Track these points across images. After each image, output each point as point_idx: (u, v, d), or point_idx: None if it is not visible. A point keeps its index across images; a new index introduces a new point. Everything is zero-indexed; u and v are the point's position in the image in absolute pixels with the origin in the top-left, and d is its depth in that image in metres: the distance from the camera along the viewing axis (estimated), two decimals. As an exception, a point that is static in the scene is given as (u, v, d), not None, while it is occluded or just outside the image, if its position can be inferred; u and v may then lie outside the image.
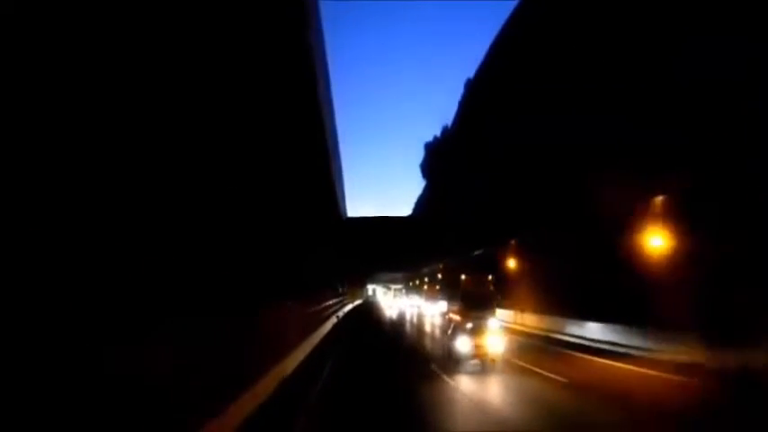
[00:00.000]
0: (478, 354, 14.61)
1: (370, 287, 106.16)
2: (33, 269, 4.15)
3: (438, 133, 65.75)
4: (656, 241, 15.64)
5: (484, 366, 14.55)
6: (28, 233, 4.21)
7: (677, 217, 15.41)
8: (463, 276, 29.02)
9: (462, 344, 14.67)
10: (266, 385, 9.99)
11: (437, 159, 62.89)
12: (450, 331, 16.46)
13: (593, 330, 20.18)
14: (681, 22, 16.35)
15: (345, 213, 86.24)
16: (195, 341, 6.68)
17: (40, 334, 3.96)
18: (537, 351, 18.93)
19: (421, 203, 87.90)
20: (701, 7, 15.28)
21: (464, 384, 12.98)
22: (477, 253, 40.69)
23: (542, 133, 28.97)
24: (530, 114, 31.78)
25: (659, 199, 15.94)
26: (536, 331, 26.42)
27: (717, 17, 14.63)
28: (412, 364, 16.29)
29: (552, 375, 13.40)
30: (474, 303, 26.30)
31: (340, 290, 54.71)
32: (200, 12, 7.67)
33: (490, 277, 28.88)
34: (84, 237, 5.18)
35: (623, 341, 17.21)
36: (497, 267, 33.11)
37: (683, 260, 14.90)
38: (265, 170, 13.90)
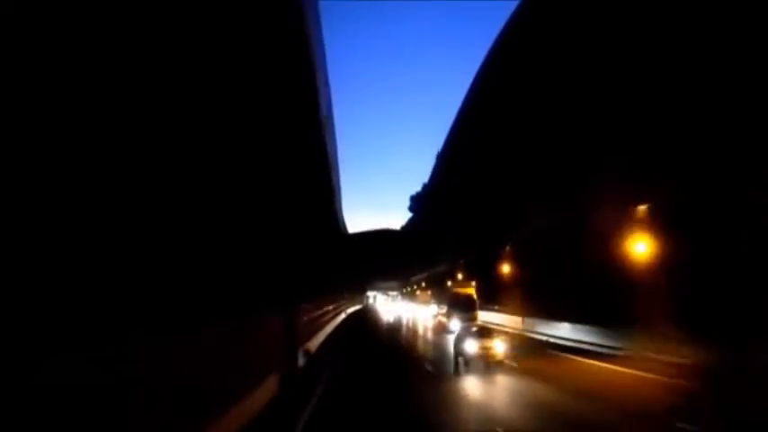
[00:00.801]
0: (485, 355, 15.60)
1: (371, 293, 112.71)
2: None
3: (419, 188, 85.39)
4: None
5: (488, 365, 15.72)
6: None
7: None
8: (449, 283, 37.16)
9: (470, 346, 15.71)
10: (320, 336, 25.77)
11: (421, 204, 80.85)
12: (457, 334, 17.62)
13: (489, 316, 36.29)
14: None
15: (346, 230, 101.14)
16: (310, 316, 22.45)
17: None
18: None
19: (411, 224, 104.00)
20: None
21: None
22: (442, 268, 56.94)
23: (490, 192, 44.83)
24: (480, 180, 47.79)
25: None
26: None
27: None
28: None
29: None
30: (459, 307, 30.63)
31: (345, 295, 69.76)
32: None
33: (473, 284, 34.17)
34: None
35: (505, 323, 33.20)
36: (454, 278, 48.90)
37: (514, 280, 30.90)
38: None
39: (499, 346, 15.79)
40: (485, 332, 16.81)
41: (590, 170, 21.40)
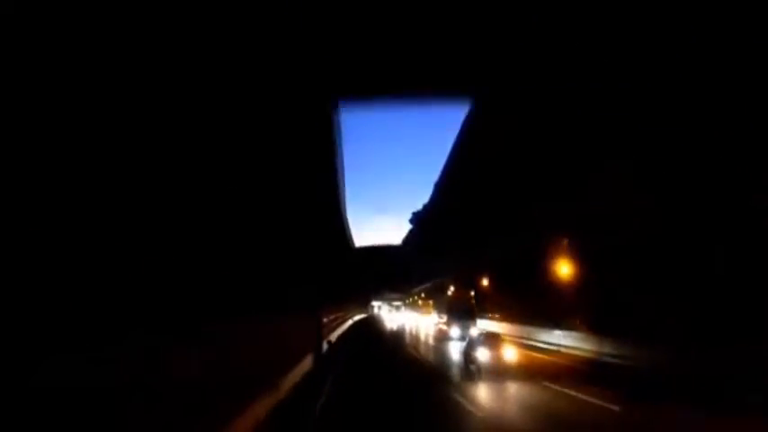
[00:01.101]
0: (495, 362, 16.05)
1: (375, 303, 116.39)
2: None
3: (420, 207, 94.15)
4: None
5: (498, 372, 15.97)
6: None
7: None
8: (449, 293, 39.97)
9: (482, 354, 16.19)
10: (334, 335, 32.78)
11: (422, 220, 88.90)
12: (467, 343, 17.86)
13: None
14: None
15: (353, 244, 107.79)
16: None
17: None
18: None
19: (411, 237, 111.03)
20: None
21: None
22: (437, 281, 63.86)
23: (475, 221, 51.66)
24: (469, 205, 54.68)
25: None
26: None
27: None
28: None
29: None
30: (458, 315, 32.41)
31: (352, 305, 76.12)
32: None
33: (472, 293, 36.25)
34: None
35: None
36: (446, 291, 55.54)
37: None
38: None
39: (509, 353, 16.57)
40: (495, 339, 17.26)
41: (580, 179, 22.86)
